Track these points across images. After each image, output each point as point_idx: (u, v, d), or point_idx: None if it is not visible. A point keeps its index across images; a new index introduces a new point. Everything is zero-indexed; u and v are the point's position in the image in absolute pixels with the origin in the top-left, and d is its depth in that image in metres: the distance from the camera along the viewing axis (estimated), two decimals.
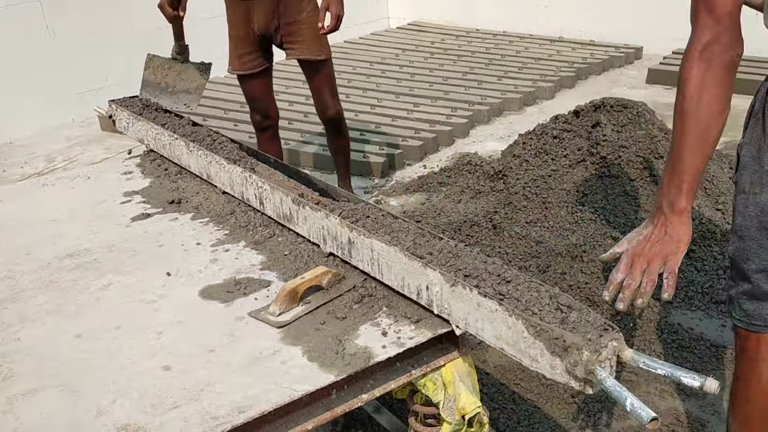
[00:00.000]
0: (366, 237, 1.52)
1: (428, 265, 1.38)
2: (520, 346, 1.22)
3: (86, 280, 1.67)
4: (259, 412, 1.19)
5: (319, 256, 1.68)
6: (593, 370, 1.13)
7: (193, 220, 1.96)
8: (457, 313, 1.34)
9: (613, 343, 1.15)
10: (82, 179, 2.35)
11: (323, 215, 1.65)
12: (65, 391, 1.28)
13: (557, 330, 1.17)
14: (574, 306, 1.23)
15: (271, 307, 1.48)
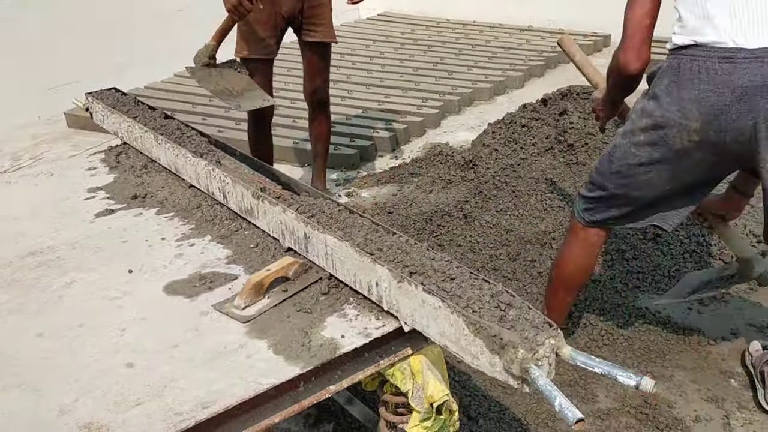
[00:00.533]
0: (320, 232, 1.52)
1: (377, 261, 1.37)
2: (461, 344, 1.23)
3: (49, 278, 1.65)
4: (224, 407, 1.18)
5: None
6: (528, 369, 1.13)
7: (158, 215, 1.93)
8: (404, 309, 1.34)
9: (550, 340, 1.16)
10: (45, 176, 2.31)
11: (281, 210, 1.64)
12: (27, 390, 1.26)
13: (495, 327, 1.18)
14: (514, 304, 1.23)
15: (236, 300, 1.47)
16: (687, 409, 2.00)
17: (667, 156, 1.74)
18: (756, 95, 1.58)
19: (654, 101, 1.73)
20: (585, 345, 2.23)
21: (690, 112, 1.65)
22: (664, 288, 2.45)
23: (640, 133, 1.76)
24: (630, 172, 1.82)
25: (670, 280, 2.48)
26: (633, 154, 1.79)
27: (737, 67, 1.58)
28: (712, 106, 1.62)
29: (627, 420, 1.96)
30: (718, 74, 1.60)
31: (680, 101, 1.66)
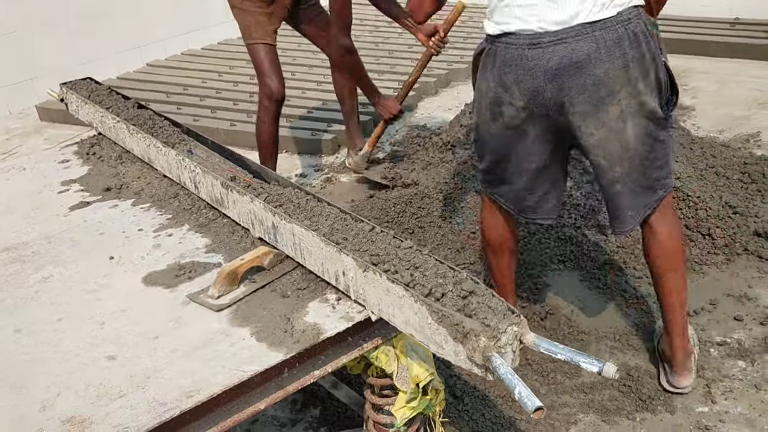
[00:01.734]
0: (287, 222, 1.51)
1: (343, 250, 1.36)
2: (426, 333, 1.22)
3: (24, 273, 1.62)
4: (208, 396, 1.17)
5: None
6: (489, 357, 1.13)
7: (135, 206, 1.91)
8: (370, 298, 1.33)
9: (513, 327, 1.15)
10: (17, 170, 2.27)
11: (249, 199, 1.62)
12: (7, 386, 1.24)
13: (457, 316, 1.17)
14: (477, 291, 1.22)
15: (210, 290, 1.46)
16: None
17: (509, 132, 1.83)
18: (564, 74, 1.69)
19: (485, 82, 1.83)
20: (567, 321, 2.25)
21: (514, 93, 1.76)
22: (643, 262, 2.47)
23: (485, 110, 1.86)
24: (490, 142, 1.91)
25: None
26: (487, 128, 1.89)
27: (545, 51, 1.69)
28: (529, 88, 1.73)
29: (610, 393, 1.98)
30: (530, 60, 1.71)
31: (504, 84, 1.77)
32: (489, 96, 1.82)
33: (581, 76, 1.68)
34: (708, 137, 3.27)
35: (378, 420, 1.54)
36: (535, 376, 2.04)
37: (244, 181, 1.76)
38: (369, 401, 1.56)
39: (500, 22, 1.75)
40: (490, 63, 1.80)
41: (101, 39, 5.31)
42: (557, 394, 1.98)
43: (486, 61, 1.82)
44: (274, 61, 3.06)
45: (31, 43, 5.05)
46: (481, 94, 1.86)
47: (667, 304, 1.95)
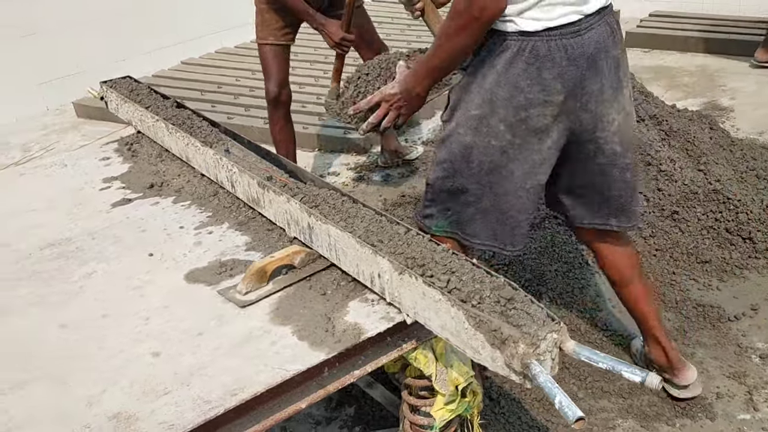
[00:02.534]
0: (323, 223, 1.51)
1: (378, 252, 1.36)
2: (462, 338, 1.21)
3: (69, 269, 1.65)
4: (252, 394, 1.18)
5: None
6: (528, 364, 1.11)
7: (175, 204, 1.93)
8: (406, 301, 1.33)
9: (552, 335, 1.13)
10: (59, 167, 2.30)
11: (285, 199, 1.63)
12: (53, 382, 1.26)
13: (495, 321, 1.16)
14: (516, 297, 1.21)
15: (239, 286, 1.47)
16: (709, 385, 2.00)
17: (527, 138, 1.72)
18: (598, 59, 1.70)
19: (507, 87, 1.69)
20: (603, 324, 2.23)
21: (554, 89, 1.69)
22: (683, 265, 2.44)
23: (499, 122, 1.72)
24: (506, 170, 1.75)
25: (688, 257, 2.46)
26: (494, 146, 1.74)
27: (584, 39, 1.68)
28: (572, 78, 1.69)
29: (649, 398, 1.96)
30: (575, 49, 1.67)
31: (542, 81, 1.68)
32: (514, 102, 1.69)
33: (608, 59, 1.71)
34: (748, 139, 3.21)
35: (415, 421, 1.54)
36: (573, 380, 2.02)
37: (280, 180, 1.77)
38: (406, 402, 1.56)
39: (541, 18, 1.67)
40: (521, 63, 1.68)
41: (137, 37, 5.38)
42: (595, 398, 1.96)
43: (514, 62, 1.68)
44: (275, 61, 3.04)
45: (68, 41, 5.13)
46: (496, 103, 1.71)
47: (648, 310, 1.96)
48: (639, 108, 2.71)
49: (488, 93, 1.71)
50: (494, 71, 1.70)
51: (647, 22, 5.19)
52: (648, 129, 2.70)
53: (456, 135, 1.77)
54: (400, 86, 1.77)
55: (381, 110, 1.80)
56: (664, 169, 2.61)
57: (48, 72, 5.12)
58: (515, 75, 1.68)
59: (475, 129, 1.74)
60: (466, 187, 1.80)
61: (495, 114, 1.71)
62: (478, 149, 1.75)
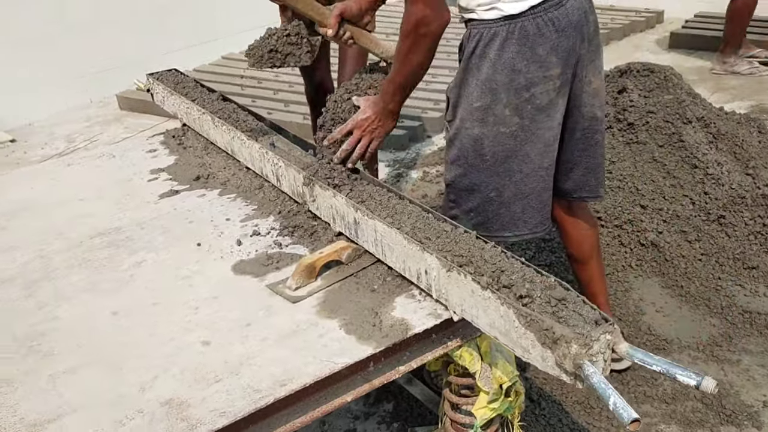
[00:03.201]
0: (370, 218, 1.51)
1: (426, 249, 1.36)
2: (512, 336, 1.20)
3: (119, 257, 1.68)
4: (301, 385, 1.19)
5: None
6: (581, 365, 1.10)
7: (221, 196, 1.95)
8: (453, 299, 1.32)
9: (606, 336, 1.12)
10: (107, 158, 2.35)
11: (331, 194, 1.64)
12: (107, 367, 1.29)
13: (547, 321, 1.14)
14: (568, 298, 1.20)
15: (289, 281, 1.49)
16: (755, 393, 1.96)
17: (536, 118, 1.74)
18: (582, 25, 1.75)
19: (505, 72, 1.70)
20: (647, 328, 2.19)
21: (550, 63, 1.71)
22: (729, 270, 2.39)
23: (504, 108, 1.72)
24: (521, 153, 1.76)
25: (735, 262, 2.41)
26: (503, 133, 1.74)
27: (567, 9, 1.71)
28: (566, 49, 1.72)
29: (693, 404, 1.93)
30: (561, 20, 1.70)
31: (538, 58, 1.70)
32: (515, 84, 1.69)
33: (588, 24, 1.77)
34: None
35: (456, 419, 1.54)
36: (615, 384, 2.00)
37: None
38: (447, 399, 1.56)
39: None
40: (514, 46, 1.68)
41: (180, 31, 5.45)
42: (638, 402, 1.94)
43: (506, 46, 1.68)
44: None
45: (112, 34, 5.22)
46: (497, 90, 1.70)
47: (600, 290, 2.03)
48: (686, 110, 2.66)
49: (487, 82, 1.71)
50: (488, 60, 1.70)
51: (692, 23, 5.09)
52: (695, 131, 2.65)
53: (463, 130, 1.78)
54: (372, 108, 1.73)
55: (353, 137, 1.73)
56: (711, 172, 2.57)
57: (92, 65, 5.21)
58: (510, 58, 1.69)
59: (482, 120, 1.74)
60: (484, 181, 1.80)
61: (499, 101, 1.72)
62: (489, 140, 1.75)
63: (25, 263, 1.69)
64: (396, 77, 1.68)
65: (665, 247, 2.47)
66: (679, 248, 2.46)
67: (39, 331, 1.41)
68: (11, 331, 1.41)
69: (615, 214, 2.57)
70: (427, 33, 1.59)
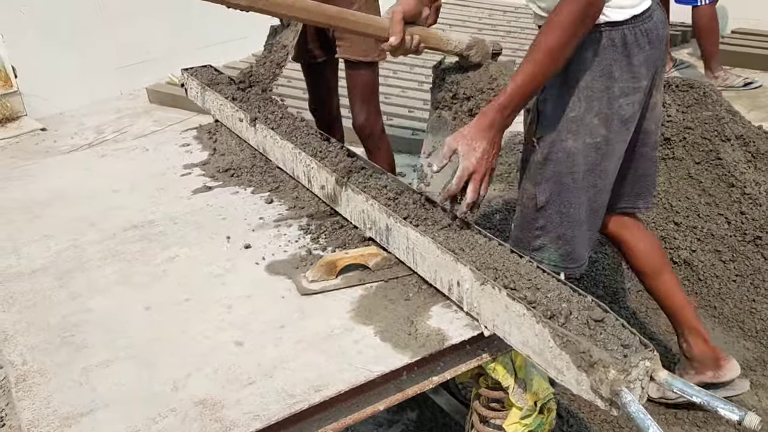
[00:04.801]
0: (402, 225, 1.48)
1: (460, 260, 1.33)
2: (546, 356, 1.17)
3: (152, 251, 1.67)
4: (336, 392, 1.17)
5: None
6: (619, 392, 1.06)
7: (254, 194, 1.94)
8: (485, 313, 1.29)
9: (645, 362, 1.08)
10: (141, 150, 2.35)
11: (364, 198, 1.61)
12: (139, 363, 1.28)
13: (585, 343, 1.10)
14: (606, 320, 1.16)
15: (308, 272, 1.48)
16: None
17: (619, 130, 1.69)
18: (664, 37, 1.72)
19: (602, 79, 1.64)
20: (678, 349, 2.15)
21: (641, 74, 1.68)
22: (764, 293, 2.34)
23: (594, 117, 1.65)
24: (599, 168, 1.69)
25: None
26: (588, 144, 1.66)
27: (655, 21, 1.68)
28: (654, 61, 1.70)
29: (725, 428, 1.88)
30: (652, 32, 1.67)
31: (632, 69, 1.66)
32: (609, 92, 1.63)
33: (665, 38, 1.75)
34: None
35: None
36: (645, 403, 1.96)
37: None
38: (476, 412, 1.53)
39: (626, 6, 1.63)
40: (613, 54, 1.61)
41: (210, 27, 5.47)
42: (668, 425, 1.90)
43: (605, 53, 1.61)
44: (307, 80, 2.94)
45: (145, 27, 5.25)
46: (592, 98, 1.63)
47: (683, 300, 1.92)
48: (725, 127, 2.61)
49: (584, 89, 1.64)
50: (585, 66, 1.63)
51: (730, 39, 5.02)
52: (734, 149, 2.60)
53: (558, 144, 1.68)
54: (481, 135, 1.45)
55: (474, 184, 1.45)
56: (748, 192, 2.52)
57: (123, 57, 5.25)
58: (608, 66, 1.63)
59: (575, 132, 1.66)
60: (573, 202, 1.70)
61: (591, 109, 1.65)
62: (579, 152, 1.67)
63: (59, 252, 1.69)
64: (532, 79, 1.46)
65: (698, 266, 2.42)
66: (713, 268, 2.41)
67: (72, 323, 1.41)
68: (45, 321, 1.41)
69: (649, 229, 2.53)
70: (595, 16, 1.48)
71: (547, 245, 1.75)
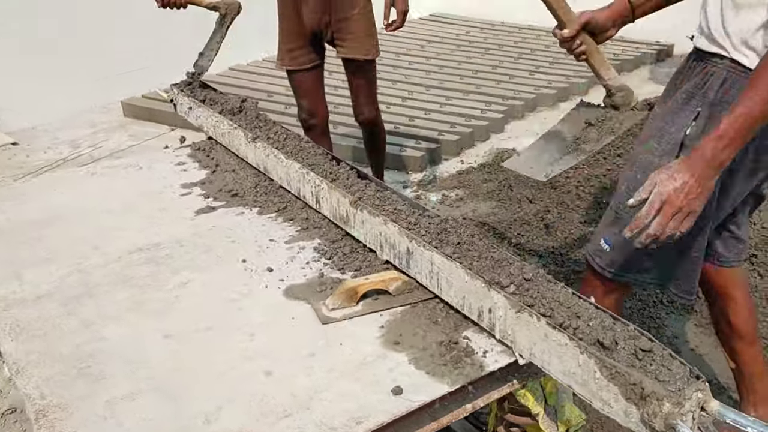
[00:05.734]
0: (426, 249, 1.45)
1: (493, 287, 1.30)
2: (590, 387, 1.14)
3: (162, 276, 1.61)
4: (378, 424, 1.13)
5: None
6: (674, 426, 1.04)
7: (261, 215, 1.89)
8: (521, 341, 1.26)
9: (697, 394, 1.07)
10: (134, 169, 2.28)
11: (381, 221, 1.58)
12: (165, 395, 1.22)
13: (636, 375, 1.08)
14: (655, 351, 1.14)
15: (328, 300, 1.44)
16: None
17: (747, 178, 1.62)
18: None
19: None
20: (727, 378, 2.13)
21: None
22: (762, 311, 2.37)
23: (748, 161, 1.58)
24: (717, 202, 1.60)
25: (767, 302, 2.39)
26: (722, 181, 1.51)
27: None
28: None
29: None
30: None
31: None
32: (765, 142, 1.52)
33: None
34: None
35: None
36: None
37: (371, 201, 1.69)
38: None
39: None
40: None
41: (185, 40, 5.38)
42: None
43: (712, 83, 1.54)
44: (296, 87, 2.95)
45: (117, 40, 5.14)
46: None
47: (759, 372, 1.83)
48: None
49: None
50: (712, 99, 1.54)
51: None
52: None
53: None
54: (688, 168, 1.29)
55: (663, 217, 1.31)
56: None
57: (97, 70, 5.13)
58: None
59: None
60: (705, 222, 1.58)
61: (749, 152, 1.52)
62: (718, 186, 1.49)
63: (62, 278, 1.62)
64: (762, 107, 1.29)
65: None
66: None
67: (87, 352, 1.34)
68: (58, 351, 1.34)
69: None
70: None
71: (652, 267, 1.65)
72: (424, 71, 5.09)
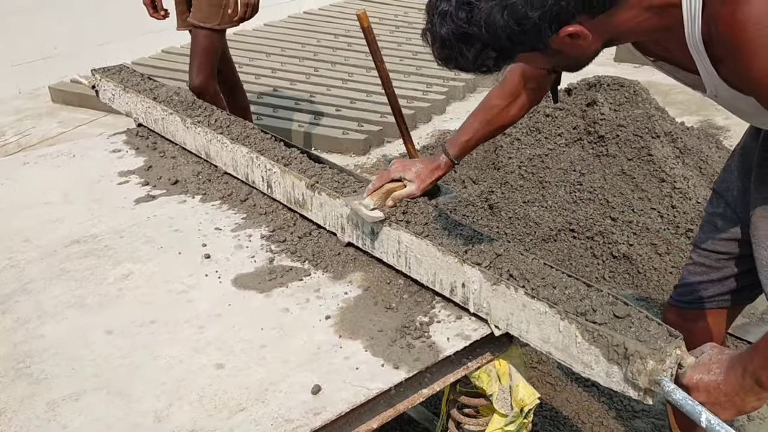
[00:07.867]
0: (393, 229, 1.45)
1: (466, 261, 1.31)
2: (571, 351, 1.17)
3: (102, 268, 1.54)
4: (336, 414, 1.11)
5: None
6: (659, 381, 1.08)
7: (204, 203, 1.84)
8: (497, 312, 1.28)
9: (676, 351, 1.10)
10: (68, 157, 2.18)
11: (341, 203, 1.56)
12: (111, 393, 1.17)
13: (618, 336, 1.11)
14: (632, 314, 1.16)
15: (366, 200, 1.46)
16: None
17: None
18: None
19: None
20: None
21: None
22: None
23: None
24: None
25: None
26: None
27: None
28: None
29: None
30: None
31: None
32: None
33: None
34: None
35: None
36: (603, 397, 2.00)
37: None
38: (454, 419, 1.51)
39: None
40: None
41: (116, 21, 5.18)
42: None
43: None
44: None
45: (44, 22, 4.91)
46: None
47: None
48: (655, 124, 2.72)
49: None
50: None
51: None
52: (663, 146, 2.71)
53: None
54: (726, 385, 1.09)
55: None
56: (678, 186, 2.63)
57: (21, 53, 4.90)
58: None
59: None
60: None
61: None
62: None
63: None
64: None
65: (637, 260, 2.50)
66: (651, 261, 2.50)
67: (24, 352, 1.27)
68: None
69: (587, 225, 2.60)
70: None
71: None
72: (363, 53, 5.02)
